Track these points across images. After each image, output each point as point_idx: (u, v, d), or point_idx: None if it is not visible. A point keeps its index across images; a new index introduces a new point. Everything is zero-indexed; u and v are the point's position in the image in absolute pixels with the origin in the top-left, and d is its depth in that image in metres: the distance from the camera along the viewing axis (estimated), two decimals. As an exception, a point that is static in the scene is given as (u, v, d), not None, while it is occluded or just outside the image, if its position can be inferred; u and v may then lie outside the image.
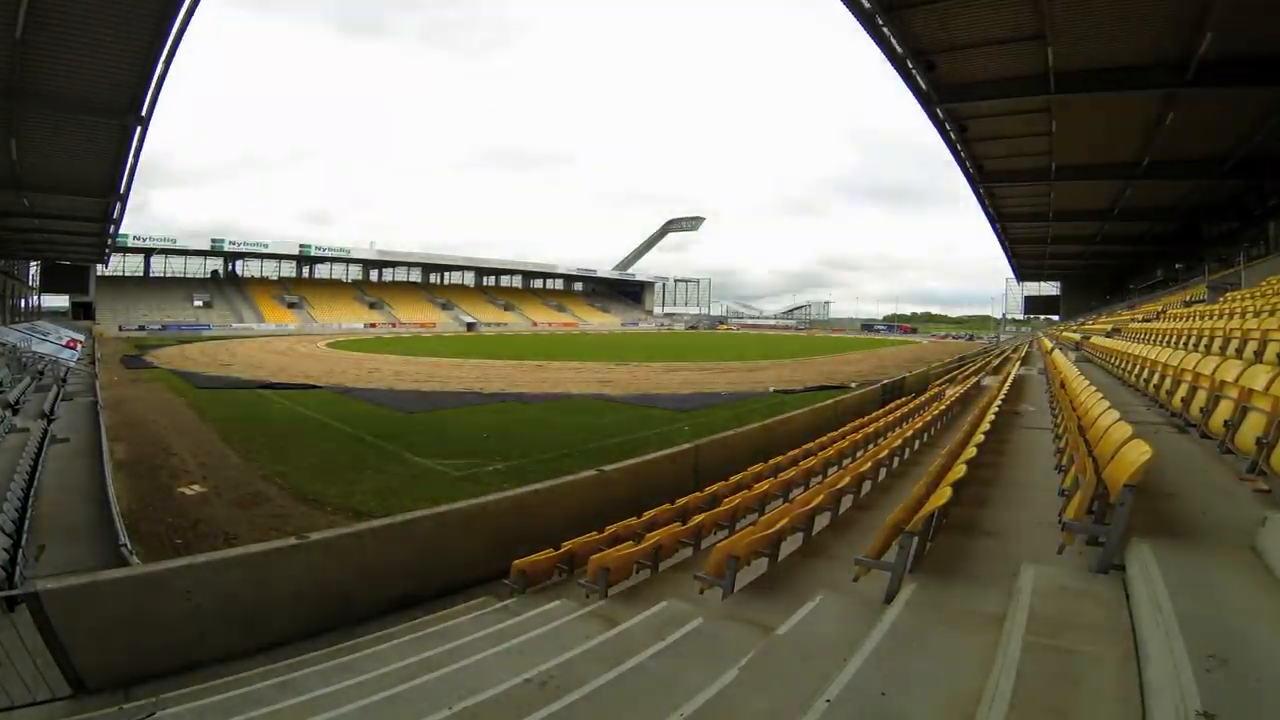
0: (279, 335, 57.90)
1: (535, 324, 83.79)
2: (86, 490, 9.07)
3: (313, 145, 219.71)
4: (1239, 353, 6.67)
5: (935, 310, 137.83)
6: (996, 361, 24.40)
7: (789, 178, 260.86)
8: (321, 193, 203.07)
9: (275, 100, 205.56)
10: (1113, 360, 12.26)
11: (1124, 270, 44.06)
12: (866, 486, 6.76)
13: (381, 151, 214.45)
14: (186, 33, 14.81)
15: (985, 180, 25.38)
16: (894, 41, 15.23)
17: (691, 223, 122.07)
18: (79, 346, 35.05)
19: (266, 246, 72.52)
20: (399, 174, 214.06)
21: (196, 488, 10.63)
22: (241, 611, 4.85)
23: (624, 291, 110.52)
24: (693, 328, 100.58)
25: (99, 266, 54.45)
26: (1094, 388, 6.45)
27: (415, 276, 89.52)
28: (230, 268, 75.11)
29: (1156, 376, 7.72)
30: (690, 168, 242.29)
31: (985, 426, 6.14)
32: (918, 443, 9.07)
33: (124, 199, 26.40)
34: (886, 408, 14.33)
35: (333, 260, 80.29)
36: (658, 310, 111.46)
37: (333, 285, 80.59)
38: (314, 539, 5.31)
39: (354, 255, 79.57)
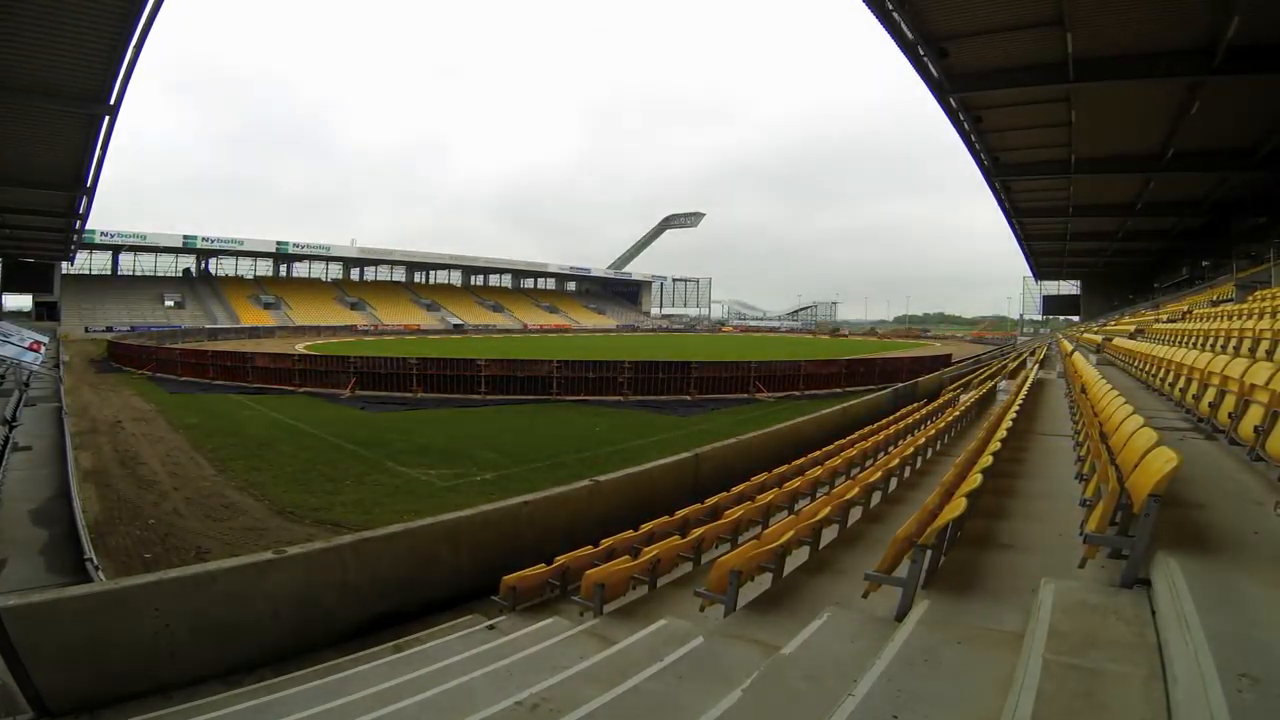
0: (255, 337, 57.76)
1: (526, 325, 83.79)
2: (50, 501, 9.01)
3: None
4: (1269, 355, 6.69)
5: (949, 311, 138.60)
6: (1013, 365, 24.46)
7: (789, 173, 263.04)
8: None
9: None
10: (1136, 363, 12.30)
11: (1147, 268, 44.23)
12: (876, 497, 6.76)
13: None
14: (157, 19, 14.84)
15: (1001, 174, 25.49)
16: (905, 27, 15.29)
17: (691, 219, 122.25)
18: (42, 349, 34.93)
19: (241, 244, 72.44)
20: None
21: (167, 499, 10.59)
22: (215, 631, 4.82)
23: (619, 292, 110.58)
24: (691, 329, 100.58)
25: (64, 264, 54.39)
26: (1116, 392, 6.46)
27: (399, 276, 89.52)
28: (203, 266, 74.99)
29: (1182, 380, 7.74)
30: (689, 163, 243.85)
31: (1001, 434, 6.14)
32: (930, 451, 9.07)
33: (91, 193, 26.43)
34: (898, 414, 14.34)
35: (312, 258, 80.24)
36: (655, 311, 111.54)
37: (312, 285, 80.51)
38: (291, 553, 5.28)
39: (334, 253, 79.49)
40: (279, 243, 74.16)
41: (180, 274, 73.46)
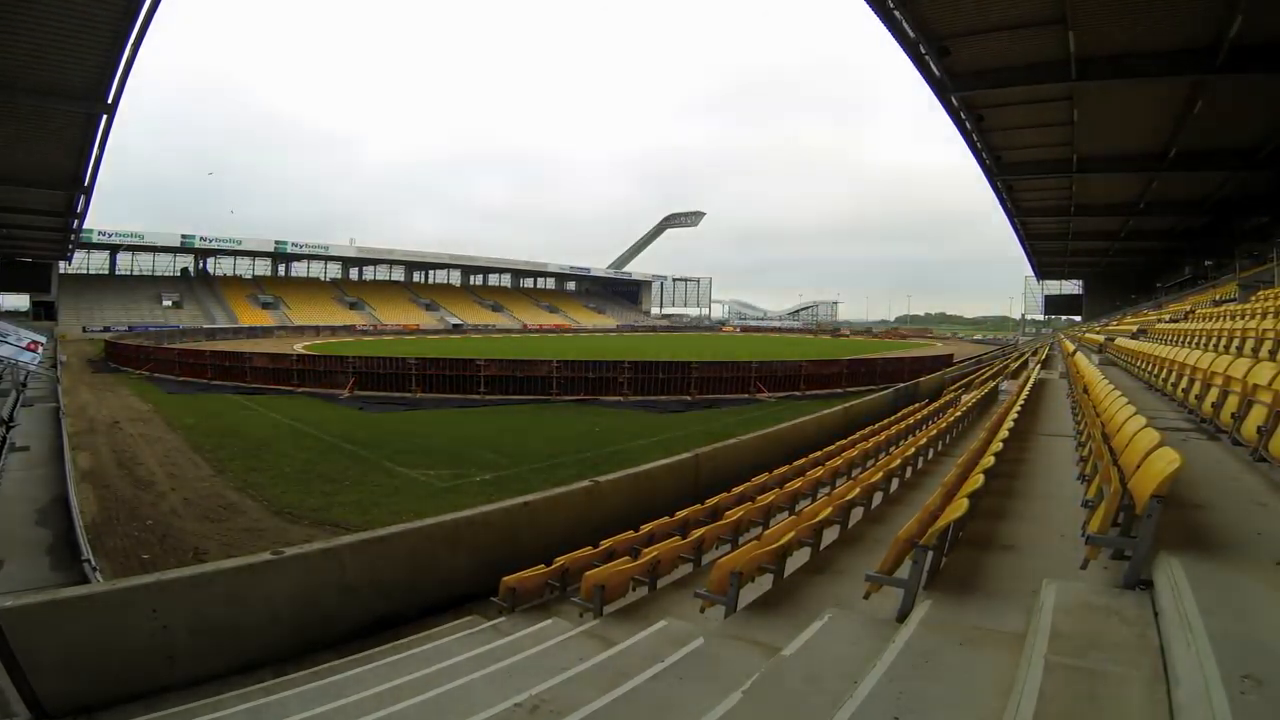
0: (253, 337, 57.80)
1: (525, 325, 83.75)
2: (48, 502, 9.02)
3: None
4: (1272, 355, 6.70)
5: (950, 311, 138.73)
6: (1015, 365, 24.46)
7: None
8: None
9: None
10: (1138, 363, 12.30)
11: (1150, 268, 44.20)
12: (878, 498, 6.76)
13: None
14: (156, 15, 14.84)
15: (1003, 173, 25.48)
16: (906, 25, 15.29)
17: (691, 218, 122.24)
18: (40, 349, 34.92)
19: (240, 243, 72.42)
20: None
21: (165, 499, 10.59)
22: (213, 632, 4.82)
23: (619, 291, 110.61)
24: (692, 328, 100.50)
25: (61, 264, 54.35)
26: (1119, 392, 6.46)
27: (398, 275, 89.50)
28: (201, 265, 74.97)
29: (1185, 380, 7.74)
30: (690, 160, 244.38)
31: (1003, 434, 6.14)
32: (931, 451, 9.08)
33: (88, 192, 26.42)
34: (899, 414, 14.34)
35: (310, 258, 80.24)
36: (655, 311, 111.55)
37: (310, 284, 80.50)
38: (290, 554, 5.28)
39: (333, 253, 79.46)
40: (277, 242, 74.11)
41: (178, 273, 73.45)
